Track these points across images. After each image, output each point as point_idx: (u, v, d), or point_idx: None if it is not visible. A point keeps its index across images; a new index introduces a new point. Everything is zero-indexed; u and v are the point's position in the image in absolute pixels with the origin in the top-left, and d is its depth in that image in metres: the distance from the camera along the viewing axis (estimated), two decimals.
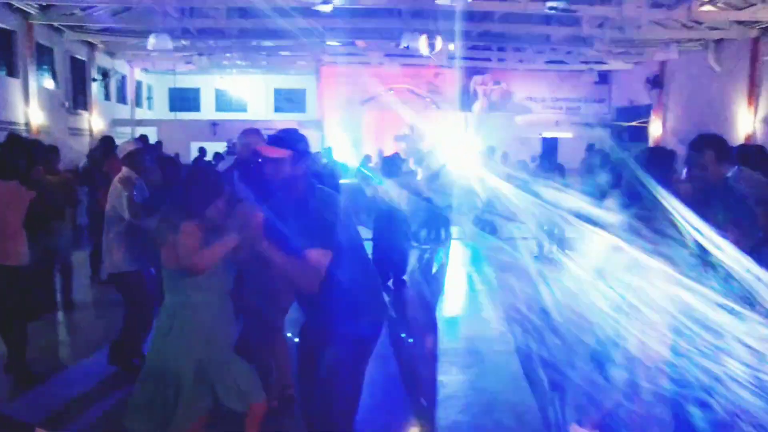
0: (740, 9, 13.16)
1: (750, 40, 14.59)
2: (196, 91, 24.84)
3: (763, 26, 14.07)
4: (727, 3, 13.19)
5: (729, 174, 4.86)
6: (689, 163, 4.03)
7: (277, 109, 24.77)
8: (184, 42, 16.97)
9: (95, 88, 18.06)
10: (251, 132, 5.07)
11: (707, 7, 13.33)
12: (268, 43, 17.64)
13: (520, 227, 11.88)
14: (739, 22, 14.16)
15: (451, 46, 15.09)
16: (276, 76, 24.01)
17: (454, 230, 14.46)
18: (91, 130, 17.48)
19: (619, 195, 4.94)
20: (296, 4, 12.98)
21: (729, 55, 15.60)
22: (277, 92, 24.88)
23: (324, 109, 21.12)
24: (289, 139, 3.34)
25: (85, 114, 17.55)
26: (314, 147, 18.74)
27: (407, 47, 14.59)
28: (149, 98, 24.17)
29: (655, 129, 19.02)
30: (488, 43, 17.11)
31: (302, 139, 3.43)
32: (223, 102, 24.94)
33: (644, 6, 12.51)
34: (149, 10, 13.93)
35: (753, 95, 14.71)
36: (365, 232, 10.91)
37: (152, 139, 16.15)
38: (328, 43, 16.85)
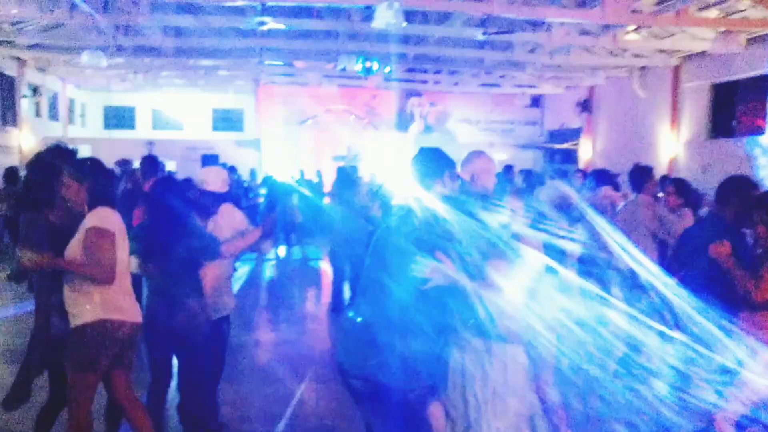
0: (662, 38, 13.81)
1: (672, 67, 15.31)
2: (131, 109, 24.45)
3: (684, 55, 14.80)
4: (650, 32, 13.82)
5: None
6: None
7: (215, 128, 24.59)
8: (118, 59, 16.75)
9: (25, 105, 17.60)
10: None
11: (631, 36, 13.92)
12: (205, 62, 17.56)
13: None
14: (662, 51, 14.85)
15: (388, 69, 15.32)
16: (214, 95, 23.85)
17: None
18: (20, 148, 17.01)
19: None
20: (233, 24, 12.99)
21: (653, 81, 16.31)
22: (215, 111, 24.71)
23: (262, 128, 21.08)
24: None
25: (14, 131, 17.08)
26: (252, 166, 18.71)
27: (344, 69, 14.74)
28: (82, 115, 23.63)
29: (585, 151, 19.65)
30: (424, 65, 17.42)
31: None
32: (159, 120, 24.61)
33: (572, 33, 12.98)
34: (82, 26, 13.73)
35: (675, 120, 15.42)
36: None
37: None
38: (266, 63, 16.88)
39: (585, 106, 19.52)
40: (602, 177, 7.14)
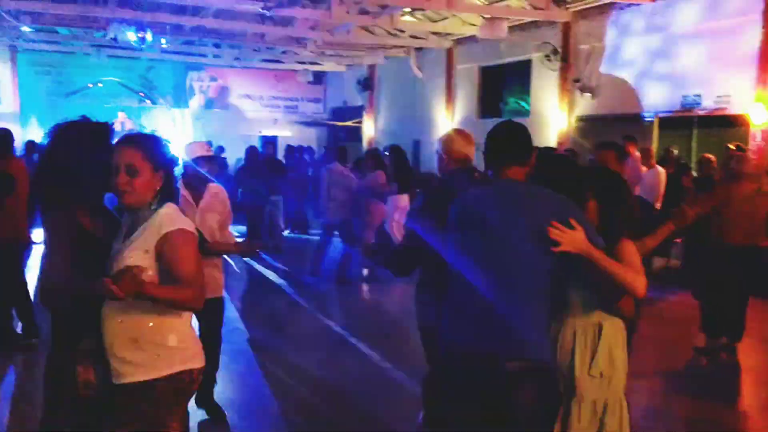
0: (435, 21, 14.44)
1: (446, 50, 16.09)
2: None
3: (456, 38, 15.59)
4: (425, 15, 14.38)
5: None
6: None
7: None
8: None
9: None
10: None
11: (408, 18, 14.41)
12: None
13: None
14: (436, 33, 15.53)
15: (163, 40, 14.51)
16: None
17: None
18: None
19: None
20: None
21: (429, 62, 17.04)
22: None
23: (22, 101, 19.09)
24: None
25: None
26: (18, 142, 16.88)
27: (115, 38, 13.74)
28: None
29: (368, 129, 20.14)
30: (203, 38, 16.74)
31: None
32: None
33: (352, 12, 13.13)
34: None
35: (450, 100, 16.27)
36: None
37: None
38: (25, 28, 15.25)
39: (366, 84, 19.93)
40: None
